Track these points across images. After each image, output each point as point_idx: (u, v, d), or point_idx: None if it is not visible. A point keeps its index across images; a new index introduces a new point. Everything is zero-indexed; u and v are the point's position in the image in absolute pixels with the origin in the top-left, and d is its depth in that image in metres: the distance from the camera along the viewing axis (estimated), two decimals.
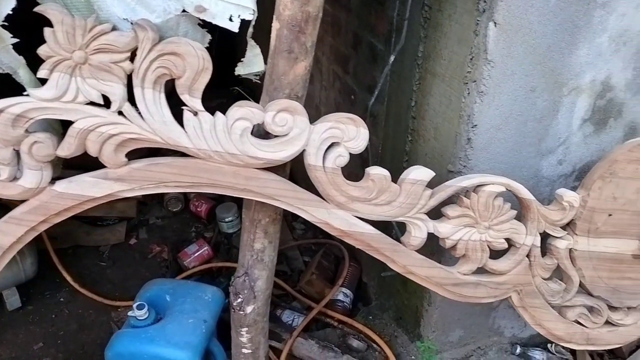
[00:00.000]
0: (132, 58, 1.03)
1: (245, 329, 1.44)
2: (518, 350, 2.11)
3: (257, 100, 1.21)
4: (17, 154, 1.00)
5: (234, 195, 1.18)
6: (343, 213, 1.27)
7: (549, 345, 2.19)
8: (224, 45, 4.49)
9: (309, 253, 2.77)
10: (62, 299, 2.50)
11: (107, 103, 1.06)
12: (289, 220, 3.00)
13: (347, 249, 2.51)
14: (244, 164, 1.15)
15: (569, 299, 1.54)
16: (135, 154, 1.15)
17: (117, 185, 1.08)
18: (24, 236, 1.06)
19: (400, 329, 2.16)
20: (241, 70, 1.26)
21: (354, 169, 1.53)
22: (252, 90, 4.19)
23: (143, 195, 3.09)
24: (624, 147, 1.48)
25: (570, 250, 1.50)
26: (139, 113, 1.05)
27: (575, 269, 1.52)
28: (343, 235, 1.30)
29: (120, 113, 1.04)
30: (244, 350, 1.48)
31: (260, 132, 1.21)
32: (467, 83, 1.50)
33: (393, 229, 1.77)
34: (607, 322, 1.63)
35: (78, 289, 2.47)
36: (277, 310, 2.29)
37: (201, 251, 2.62)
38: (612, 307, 1.62)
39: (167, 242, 2.84)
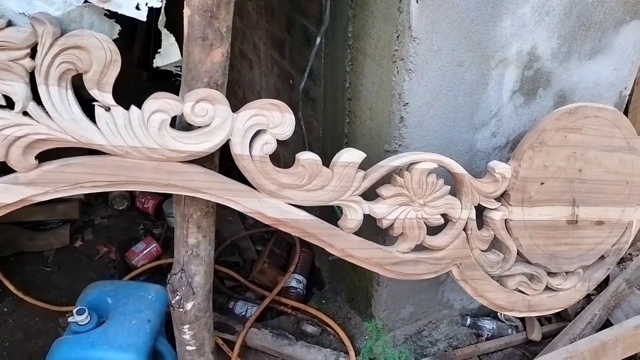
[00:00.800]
0: (33, 55, 0.98)
1: (187, 326, 1.41)
2: (468, 321, 2.15)
3: None
4: None
5: (158, 191, 1.15)
6: (275, 201, 1.25)
7: (498, 314, 2.24)
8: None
9: (261, 242, 2.75)
10: (5, 309, 2.40)
11: (10, 104, 1.00)
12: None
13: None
14: (165, 158, 1.11)
15: (508, 268, 1.57)
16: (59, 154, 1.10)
17: (29, 190, 1.03)
18: None
19: (353, 310, 2.17)
20: (159, 61, 1.22)
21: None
22: None
23: (86, 195, 3.00)
24: (552, 115, 1.51)
25: (506, 220, 1.52)
26: (46, 112, 1.00)
27: (512, 239, 1.54)
28: (277, 224, 1.28)
29: (25, 113, 0.99)
30: (188, 348, 1.45)
31: (183, 124, 1.17)
32: (395, 61, 1.49)
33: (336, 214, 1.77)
34: (547, 288, 1.67)
35: (22, 297, 2.37)
36: (229, 302, 2.26)
37: (149, 249, 2.56)
38: (550, 273, 1.66)
39: (114, 241, 2.76)
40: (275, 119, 1.18)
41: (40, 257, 2.67)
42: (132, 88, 2.23)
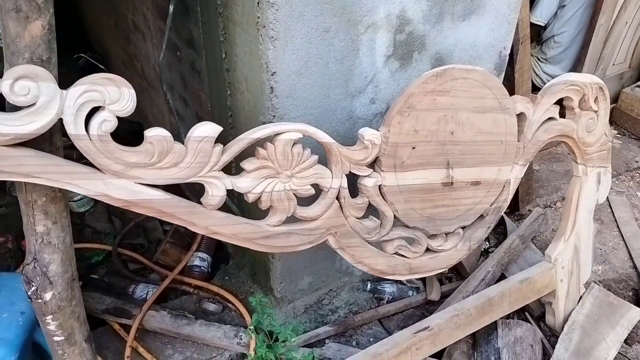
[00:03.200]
0: None
1: (50, 316, 1.34)
2: (369, 286, 2.18)
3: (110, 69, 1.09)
4: None
5: None
6: (123, 182, 1.19)
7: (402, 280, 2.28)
8: (69, 10, 4.13)
9: (169, 223, 2.67)
10: None
11: None
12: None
13: None
14: None
15: (385, 234, 1.58)
16: None
17: None
18: None
19: (255, 284, 2.16)
20: None
21: None
22: (104, 57, 3.88)
23: None
24: (419, 79, 1.49)
25: (380, 186, 1.52)
26: None
27: (388, 204, 1.54)
28: (128, 205, 1.22)
29: None
30: (56, 338, 1.39)
31: (14, 106, 1.09)
32: (259, 29, 1.44)
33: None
34: (428, 250, 1.69)
35: None
36: (129, 286, 2.20)
37: None
38: (430, 235, 1.68)
39: (12, 230, 2.63)
40: (112, 94, 1.11)
41: None
42: None
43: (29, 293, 1.30)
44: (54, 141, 1.18)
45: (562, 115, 1.81)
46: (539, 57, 3.25)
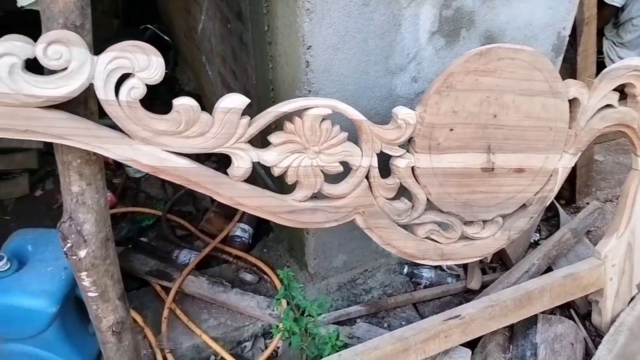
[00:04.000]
0: None
1: (85, 273, 1.41)
2: (406, 269, 2.14)
3: (173, 40, 1.14)
4: None
5: (17, 138, 1.12)
6: (150, 148, 1.22)
7: (443, 267, 2.23)
8: None
9: None
10: None
11: None
12: (202, 159, 2.95)
13: None
14: (20, 103, 1.08)
15: (416, 217, 1.53)
16: None
17: None
18: None
19: (292, 259, 2.18)
20: (21, 1, 1.17)
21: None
22: (169, 28, 3.99)
23: (46, 145, 3.01)
24: (461, 58, 1.43)
25: (413, 168, 1.48)
26: None
27: (420, 187, 1.50)
28: (155, 172, 1.25)
29: None
30: (90, 294, 1.46)
31: (50, 71, 1.13)
32: (296, 1, 1.42)
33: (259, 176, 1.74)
34: (463, 237, 1.64)
35: None
36: (174, 251, 2.28)
37: None
38: (467, 222, 1.62)
39: None
40: (141, 62, 1.13)
41: (1, 205, 2.72)
42: (103, 36, 2.19)
43: (64, 249, 1.37)
44: (89, 106, 1.22)
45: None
46: (614, 41, 3.03)
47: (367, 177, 1.44)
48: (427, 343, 1.68)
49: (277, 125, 1.35)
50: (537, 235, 2.35)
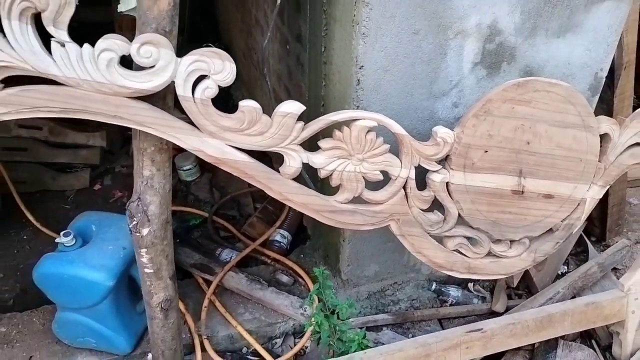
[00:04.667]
0: None
1: (144, 249, 1.59)
2: (434, 286, 2.24)
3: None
4: None
5: (105, 122, 1.31)
6: (216, 142, 1.39)
7: (469, 284, 2.32)
8: (206, 4, 4.58)
9: (261, 201, 2.90)
10: (25, 237, 2.69)
11: None
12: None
13: None
14: (113, 92, 1.27)
15: (447, 229, 1.65)
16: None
17: None
18: None
19: (326, 266, 2.29)
20: (122, 7, 1.38)
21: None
22: (228, 48, 4.28)
23: (110, 145, 3.24)
24: (500, 87, 1.56)
25: (448, 184, 1.60)
26: (9, 43, 1.18)
27: (453, 202, 1.62)
28: (218, 163, 1.42)
29: None
30: (146, 270, 1.63)
31: (139, 67, 1.33)
32: (353, 26, 1.59)
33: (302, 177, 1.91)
34: (491, 254, 1.74)
35: (40, 228, 2.65)
36: (217, 249, 2.45)
37: None
38: (495, 240, 1.73)
39: (129, 188, 3.00)
40: (216, 66, 1.31)
41: (61, 196, 2.95)
42: None
43: (130, 226, 1.55)
44: (167, 101, 1.41)
45: None
46: None
47: (404, 187, 1.58)
48: (449, 352, 1.77)
49: (323, 134, 1.50)
50: (565, 267, 2.41)
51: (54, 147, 3.05)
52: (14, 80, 1.26)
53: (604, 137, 1.70)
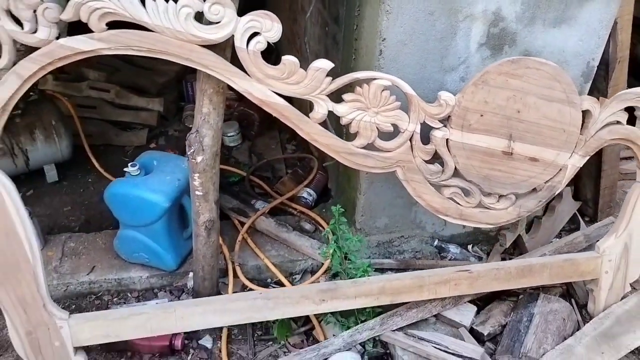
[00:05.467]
0: None
1: (197, 174, 1.97)
2: (436, 242, 2.56)
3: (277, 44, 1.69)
4: (35, 15, 1.55)
5: (180, 62, 1.70)
6: (261, 86, 1.76)
7: (468, 246, 2.64)
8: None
9: (292, 167, 3.28)
10: (90, 180, 3.14)
11: None
12: (283, 142, 3.54)
13: (318, 161, 3.02)
14: (187, 39, 1.66)
15: (445, 179, 1.98)
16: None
17: (99, 44, 1.61)
18: (37, 72, 1.62)
19: (344, 217, 2.65)
20: None
21: None
22: None
23: (166, 111, 3.66)
24: (496, 62, 1.89)
25: (447, 140, 1.94)
26: None
27: (451, 156, 1.95)
28: (262, 104, 1.79)
29: None
30: (197, 193, 2.01)
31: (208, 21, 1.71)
32: (380, 5, 1.94)
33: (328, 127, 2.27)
34: (482, 205, 2.06)
35: (103, 173, 3.09)
36: (253, 199, 2.83)
37: None
38: (485, 193, 2.05)
39: (181, 149, 3.42)
40: (266, 25, 1.68)
41: (122, 150, 3.39)
42: None
43: (188, 154, 1.94)
44: (226, 53, 1.79)
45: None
46: None
47: (410, 139, 1.92)
48: (439, 286, 2.10)
49: (347, 91, 1.86)
50: (557, 240, 2.70)
51: (119, 108, 3.51)
52: (113, 26, 1.66)
53: (586, 113, 2.00)
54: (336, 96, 1.85)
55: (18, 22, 1.57)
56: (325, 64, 1.77)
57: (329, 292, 2.04)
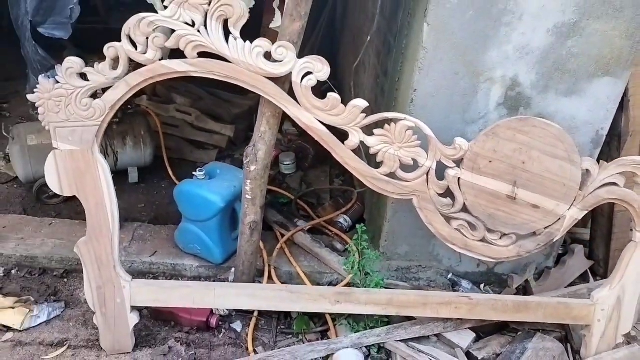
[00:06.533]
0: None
1: (249, 181, 2.41)
2: (450, 275, 2.86)
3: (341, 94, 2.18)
4: (147, 41, 2.08)
5: (248, 88, 2.17)
6: (309, 115, 2.20)
7: (481, 285, 2.91)
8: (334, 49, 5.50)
9: (336, 197, 3.68)
10: (163, 185, 3.69)
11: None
12: (332, 176, 3.97)
13: (358, 194, 3.41)
14: (256, 71, 2.14)
15: (454, 212, 2.32)
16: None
17: (190, 67, 2.12)
18: (141, 83, 2.14)
19: (371, 242, 3.01)
20: (273, 25, 2.27)
21: None
22: (340, 83, 5.17)
23: (235, 138, 4.23)
24: (508, 119, 2.25)
25: (459, 179, 2.28)
26: (207, 32, 2.09)
27: (461, 193, 2.30)
28: (307, 128, 2.23)
29: (198, 31, 2.08)
30: (247, 197, 2.45)
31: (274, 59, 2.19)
32: (414, 62, 2.37)
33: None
34: (485, 240, 2.37)
35: (175, 181, 3.63)
36: (295, 219, 3.24)
37: None
38: (489, 230, 2.36)
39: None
40: (318, 67, 2.14)
41: (194, 165, 3.91)
42: None
43: (244, 163, 2.40)
44: (285, 85, 2.25)
45: None
46: None
47: (427, 174, 2.28)
48: (441, 306, 2.40)
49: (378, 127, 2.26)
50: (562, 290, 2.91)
51: (197, 129, 4.08)
52: (201, 55, 2.17)
53: (587, 173, 2.30)
54: (369, 130, 2.26)
55: (133, 44, 2.11)
56: (361, 103, 2.20)
57: (344, 295, 2.39)
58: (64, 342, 2.42)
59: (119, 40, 2.05)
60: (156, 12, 2.08)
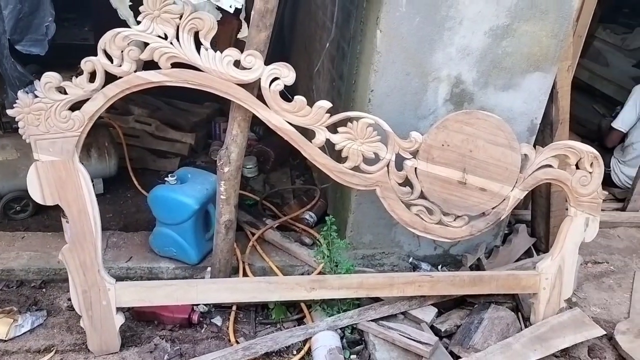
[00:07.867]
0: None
1: (223, 182, 2.58)
2: (411, 260, 3.11)
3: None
4: (122, 54, 2.21)
5: (221, 95, 2.34)
6: (278, 117, 2.39)
7: (439, 266, 3.18)
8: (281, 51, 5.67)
9: (299, 196, 3.88)
10: (129, 195, 3.77)
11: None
12: (293, 177, 4.16)
13: (320, 191, 3.62)
14: (227, 79, 2.31)
15: (413, 199, 2.56)
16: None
17: (164, 77, 2.26)
18: (118, 94, 2.26)
19: (334, 226, 3.21)
20: (240, 35, 2.45)
21: None
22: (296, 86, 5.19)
23: (196, 145, 4.36)
24: (455, 113, 2.51)
25: (415, 168, 2.53)
26: (180, 44, 2.25)
27: (418, 181, 2.54)
28: (277, 129, 2.41)
29: (171, 43, 2.24)
30: (221, 197, 2.61)
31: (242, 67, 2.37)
32: (370, 65, 2.61)
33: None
34: (441, 223, 2.63)
35: (140, 190, 3.72)
36: (264, 217, 3.41)
37: None
38: (444, 213, 2.62)
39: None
40: (284, 72, 2.33)
41: (157, 173, 4.03)
42: None
43: (218, 165, 2.56)
44: (254, 90, 2.43)
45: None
46: (618, 159, 3.93)
47: (387, 166, 2.51)
48: (406, 285, 2.64)
49: (341, 125, 2.48)
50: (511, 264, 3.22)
51: (157, 139, 4.18)
52: (174, 66, 2.32)
53: (525, 157, 2.60)
54: (333, 129, 2.48)
55: (109, 57, 2.23)
56: (325, 104, 2.41)
57: (318, 282, 2.59)
58: (51, 348, 2.50)
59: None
60: (129, 27, 2.22)
